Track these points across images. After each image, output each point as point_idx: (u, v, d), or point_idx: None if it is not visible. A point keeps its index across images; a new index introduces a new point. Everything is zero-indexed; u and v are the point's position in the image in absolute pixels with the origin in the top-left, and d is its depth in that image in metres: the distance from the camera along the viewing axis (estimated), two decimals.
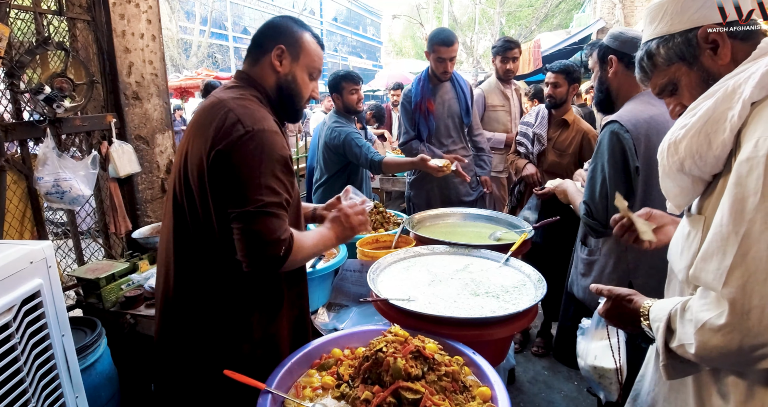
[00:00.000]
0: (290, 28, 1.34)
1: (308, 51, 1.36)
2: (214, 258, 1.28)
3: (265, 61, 1.33)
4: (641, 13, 11.63)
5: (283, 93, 1.35)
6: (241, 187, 1.14)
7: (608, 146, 1.75)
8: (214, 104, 1.25)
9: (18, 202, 2.23)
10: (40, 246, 1.51)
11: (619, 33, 1.84)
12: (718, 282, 0.84)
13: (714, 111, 0.92)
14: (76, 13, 2.48)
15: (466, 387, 1.15)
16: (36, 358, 1.48)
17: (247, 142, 1.14)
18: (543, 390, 2.78)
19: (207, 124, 1.21)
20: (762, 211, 0.79)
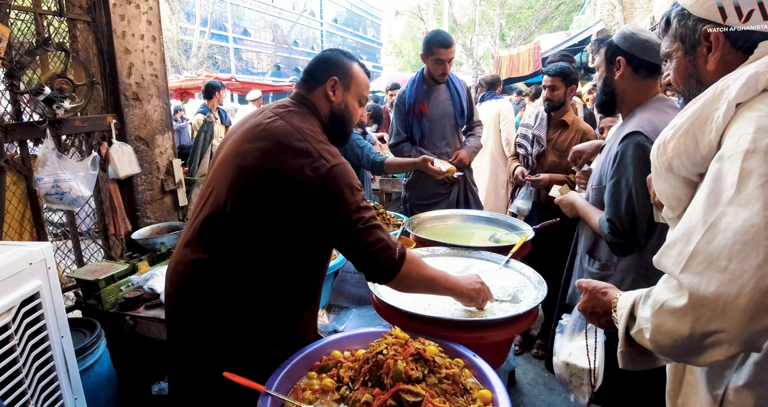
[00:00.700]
0: (341, 61, 1.45)
1: (358, 81, 1.47)
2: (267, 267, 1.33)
3: (319, 92, 1.44)
4: (641, 15, 11.65)
5: (336, 120, 1.45)
6: (341, 212, 1.25)
7: (633, 159, 1.64)
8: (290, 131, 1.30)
9: (17, 203, 2.22)
10: (39, 247, 1.51)
11: (632, 33, 1.72)
12: (677, 267, 0.83)
13: (701, 112, 0.93)
14: (77, 14, 2.47)
15: (466, 390, 1.14)
16: (35, 360, 1.48)
17: (336, 175, 1.25)
18: (543, 392, 2.77)
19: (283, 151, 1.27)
20: (734, 204, 0.79)
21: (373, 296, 1.62)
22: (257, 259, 1.31)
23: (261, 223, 1.28)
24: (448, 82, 3.06)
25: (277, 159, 1.26)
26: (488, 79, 5.08)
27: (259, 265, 1.32)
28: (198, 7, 23.08)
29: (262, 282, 1.33)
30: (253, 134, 1.34)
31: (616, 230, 1.70)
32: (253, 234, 1.29)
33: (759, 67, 0.88)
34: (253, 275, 1.32)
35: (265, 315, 1.36)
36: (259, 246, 1.30)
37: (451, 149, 3.10)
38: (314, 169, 1.23)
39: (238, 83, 10.63)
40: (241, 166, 1.30)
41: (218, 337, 1.34)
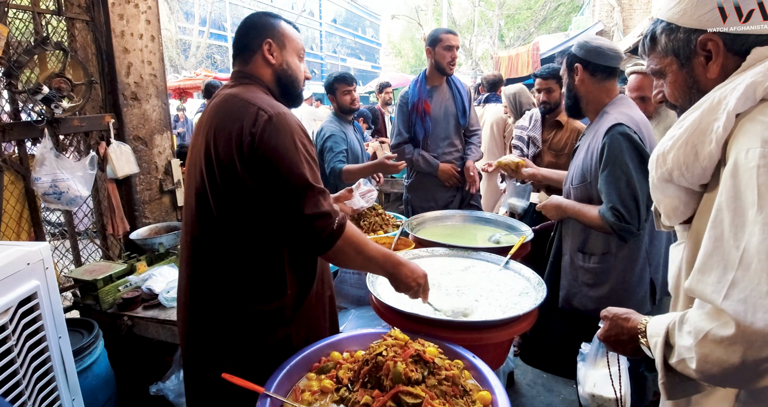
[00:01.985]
0: (269, 22, 1.41)
1: (291, 37, 1.43)
2: (248, 245, 1.30)
3: (256, 58, 1.39)
4: (639, 16, 11.67)
5: (282, 82, 1.42)
6: (281, 167, 1.19)
7: (623, 147, 1.74)
8: (228, 100, 1.30)
9: (15, 203, 2.21)
10: (37, 247, 1.50)
11: (585, 42, 1.92)
12: (718, 295, 0.82)
13: (700, 122, 0.93)
14: (75, 13, 2.46)
15: (466, 392, 1.14)
16: (32, 360, 1.47)
17: (275, 125, 1.20)
18: (542, 393, 2.77)
19: (231, 118, 1.24)
20: (759, 223, 0.79)
21: (373, 297, 1.62)
22: (232, 240, 1.30)
23: (223, 197, 1.26)
24: (449, 82, 3.10)
25: (220, 127, 1.25)
26: (490, 78, 4.96)
27: (236, 246, 1.30)
28: (197, 7, 23.03)
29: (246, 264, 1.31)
30: (207, 118, 1.33)
31: (622, 216, 1.76)
32: (221, 212, 1.28)
33: (756, 77, 0.87)
34: (237, 259, 1.30)
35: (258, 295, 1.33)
36: (229, 224, 1.28)
37: (453, 149, 3.11)
38: (254, 121, 1.20)
39: None
40: (203, 151, 1.29)
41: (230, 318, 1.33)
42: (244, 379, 1.13)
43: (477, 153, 3.15)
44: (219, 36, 28.26)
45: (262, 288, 1.32)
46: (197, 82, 9.26)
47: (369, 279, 1.68)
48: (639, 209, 1.75)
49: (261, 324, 1.33)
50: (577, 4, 21.43)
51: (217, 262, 1.32)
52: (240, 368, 1.22)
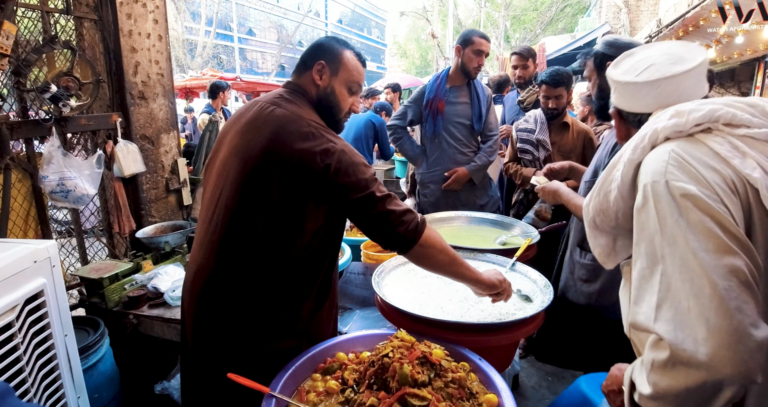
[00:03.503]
0: (332, 46, 1.44)
1: (347, 66, 1.44)
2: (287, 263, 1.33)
3: (307, 76, 1.44)
4: (647, 18, 11.62)
5: (323, 104, 1.43)
6: (360, 186, 1.27)
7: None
8: (289, 117, 1.31)
9: (22, 201, 2.22)
10: (44, 245, 1.51)
11: (614, 40, 1.85)
12: (650, 320, 0.84)
13: (608, 174, 1.08)
14: (83, 12, 2.48)
15: (472, 394, 1.13)
16: (38, 358, 1.47)
17: (347, 155, 1.28)
18: (547, 396, 2.75)
19: (293, 139, 1.26)
20: (665, 245, 0.85)
21: (378, 298, 1.61)
22: (275, 252, 1.30)
23: (275, 213, 1.27)
24: (471, 86, 3.05)
25: (285, 146, 1.25)
26: (496, 79, 4.90)
27: (277, 258, 1.31)
28: (203, 7, 23.13)
29: (281, 275, 1.32)
30: (254, 126, 1.32)
31: None
32: (269, 226, 1.28)
33: (642, 130, 1.02)
34: (272, 269, 1.31)
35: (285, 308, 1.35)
36: (276, 238, 1.29)
37: (464, 152, 3.09)
38: (325, 151, 1.24)
39: (243, 83, 10.63)
40: (246, 159, 1.29)
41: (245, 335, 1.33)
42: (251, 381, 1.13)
43: (482, 160, 3.10)
44: (225, 36, 28.36)
45: (286, 299, 1.35)
46: (203, 81, 9.28)
47: (374, 279, 1.67)
48: None
49: (274, 331, 1.34)
50: (584, 5, 21.36)
51: (243, 276, 1.32)
52: (245, 371, 1.22)
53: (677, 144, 0.94)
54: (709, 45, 6.37)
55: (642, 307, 0.87)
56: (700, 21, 5.75)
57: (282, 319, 1.34)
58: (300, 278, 1.35)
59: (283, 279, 1.32)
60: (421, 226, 1.32)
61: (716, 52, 6.49)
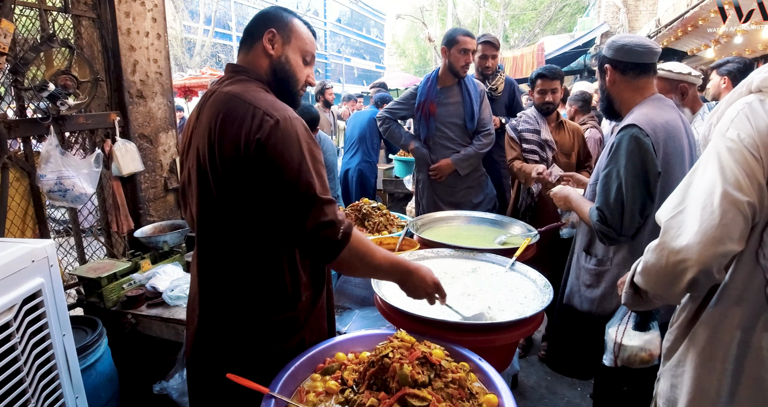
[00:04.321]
0: (279, 14, 1.35)
1: (299, 34, 1.35)
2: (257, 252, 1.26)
3: (257, 48, 1.33)
4: (645, 18, 11.62)
5: (278, 76, 1.34)
6: (288, 176, 1.14)
7: (626, 150, 1.69)
8: (229, 100, 1.22)
9: (20, 200, 2.21)
10: (42, 244, 1.50)
11: (612, 41, 1.85)
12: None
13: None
14: (82, 11, 2.47)
15: (472, 395, 1.13)
16: (36, 358, 1.46)
17: (282, 130, 1.14)
18: (546, 396, 2.75)
19: (233, 121, 1.17)
20: (703, 167, 1.09)
21: (378, 298, 1.61)
22: (251, 251, 1.26)
23: (234, 210, 1.22)
24: (462, 84, 3.03)
25: (223, 130, 1.17)
26: None
27: (255, 257, 1.26)
28: (202, 6, 23.08)
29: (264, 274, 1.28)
30: (198, 121, 1.28)
31: (604, 218, 1.74)
32: (231, 213, 1.23)
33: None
34: (254, 269, 1.28)
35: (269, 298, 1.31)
36: (245, 236, 1.24)
37: (457, 153, 3.07)
38: (258, 127, 1.13)
39: None
40: (198, 158, 1.24)
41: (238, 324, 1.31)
42: (251, 381, 1.13)
43: (468, 150, 3.04)
44: (224, 35, 28.30)
45: (278, 296, 1.29)
46: (202, 80, 9.26)
47: (374, 280, 1.67)
48: (623, 216, 1.70)
49: (278, 332, 1.31)
50: (583, 5, 21.37)
51: (227, 269, 1.29)
52: (251, 371, 1.21)
53: (756, 97, 1.10)
54: (708, 45, 6.38)
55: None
56: (699, 21, 5.75)
57: (281, 319, 1.32)
58: (277, 272, 1.28)
59: (268, 277, 1.28)
60: (343, 239, 1.17)
61: (715, 52, 6.50)
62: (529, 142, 2.98)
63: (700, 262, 1.02)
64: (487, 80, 3.43)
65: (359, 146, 4.95)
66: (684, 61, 7.29)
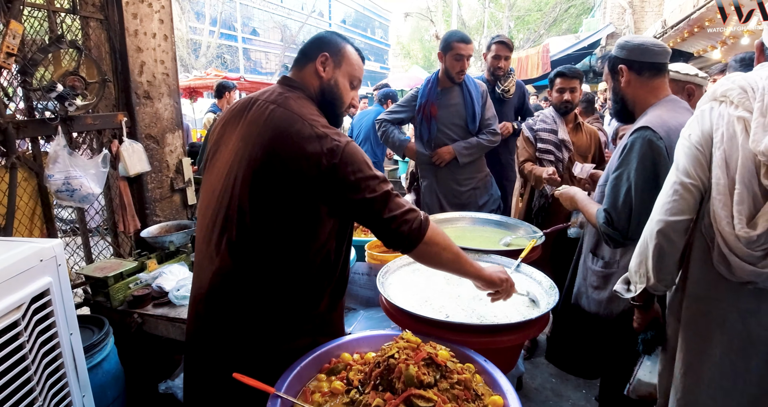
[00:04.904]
0: (334, 39, 1.44)
1: (350, 60, 1.45)
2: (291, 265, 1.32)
3: (310, 68, 1.42)
4: (651, 19, 11.58)
5: (326, 97, 1.42)
6: (364, 185, 1.26)
7: (638, 153, 1.66)
8: (286, 117, 1.28)
9: (28, 200, 2.23)
10: (50, 244, 1.51)
11: (625, 42, 1.81)
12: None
13: None
14: (90, 12, 2.48)
15: (478, 396, 1.13)
16: (44, 357, 1.47)
17: (350, 153, 1.26)
18: (551, 398, 2.74)
19: (294, 139, 1.24)
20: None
21: (383, 298, 1.61)
22: (291, 255, 1.30)
23: (288, 217, 1.27)
24: (463, 85, 3.02)
25: (289, 149, 1.24)
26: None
27: (293, 261, 1.31)
28: (208, 7, 23.20)
29: (298, 277, 1.33)
30: (255, 128, 1.30)
31: (611, 220, 1.72)
32: (278, 229, 1.28)
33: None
34: (288, 272, 1.31)
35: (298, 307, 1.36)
36: (291, 241, 1.29)
37: None
38: (330, 151, 1.23)
39: (247, 83, 10.65)
40: (251, 164, 1.27)
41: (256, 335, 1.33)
42: (257, 381, 1.13)
43: (472, 141, 3.03)
44: (229, 36, 28.43)
45: (299, 303, 1.35)
46: (208, 81, 9.29)
47: (379, 280, 1.67)
48: (630, 219, 1.68)
49: (292, 334, 1.35)
50: (588, 6, 21.33)
51: (260, 279, 1.31)
52: (258, 371, 1.21)
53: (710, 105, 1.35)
54: (715, 46, 6.35)
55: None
56: (706, 22, 5.73)
57: (300, 319, 1.35)
58: (317, 278, 1.36)
59: (300, 280, 1.33)
60: (424, 224, 1.31)
61: (722, 53, 6.47)
62: (545, 142, 2.95)
63: (660, 230, 1.36)
64: (499, 81, 3.41)
65: (364, 146, 4.98)
66: (690, 62, 7.26)
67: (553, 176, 2.69)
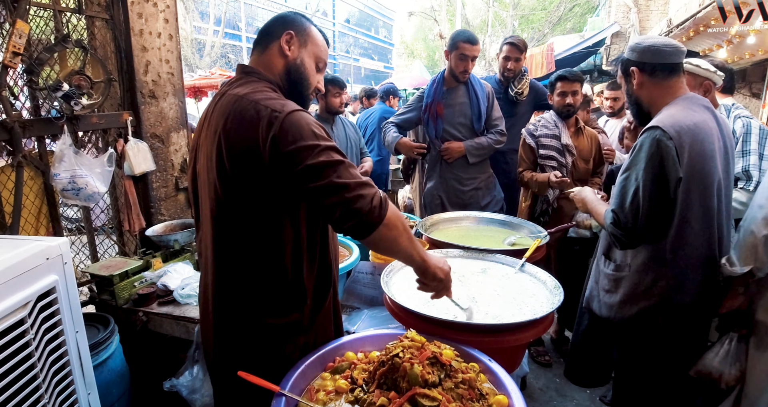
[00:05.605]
0: (298, 19, 1.39)
1: (315, 40, 1.39)
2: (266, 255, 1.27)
3: (273, 47, 1.35)
4: (656, 18, 11.51)
5: (292, 77, 1.36)
6: (305, 160, 1.13)
7: (647, 153, 1.64)
8: (237, 101, 1.22)
9: (34, 198, 2.24)
10: (56, 242, 1.51)
11: (636, 43, 1.78)
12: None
13: None
14: (95, 12, 2.49)
15: (482, 395, 1.13)
16: (50, 354, 1.48)
17: (291, 123, 1.15)
18: (554, 398, 2.74)
19: (245, 123, 1.18)
20: None
21: (387, 297, 1.61)
22: (264, 255, 1.27)
23: (252, 206, 1.22)
24: (468, 85, 3.02)
25: (236, 131, 1.18)
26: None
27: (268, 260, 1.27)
28: (212, 7, 23.23)
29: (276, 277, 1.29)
30: (209, 123, 1.28)
31: (618, 221, 1.70)
32: (250, 222, 1.24)
33: None
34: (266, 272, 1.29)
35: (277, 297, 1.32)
36: (262, 239, 1.25)
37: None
38: (269, 123, 1.14)
39: None
40: (212, 160, 1.24)
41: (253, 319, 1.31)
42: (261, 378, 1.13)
43: (482, 140, 3.03)
44: (233, 36, 28.48)
45: (282, 301, 1.31)
46: (212, 81, 9.32)
47: (383, 279, 1.67)
48: (637, 220, 1.66)
49: (280, 334, 1.32)
50: (593, 5, 21.22)
51: (235, 269, 1.30)
52: (261, 368, 1.22)
53: None
54: (720, 45, 6.30)
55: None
56: (711, 20, 5.69)
57: (285, 322, 1.32)
58: (291, 274, 1.30)
59: (274, 278, 1.29)
60: (384, 202, 1.16)
61: (727, 52, 6.42)
62: (548, 148, 2.90)
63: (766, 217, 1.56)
64: (512, 84, 3.38)
65: (371, 144, 5.01)
66: None
67: (562, 178, 2.67)
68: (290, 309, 1.32)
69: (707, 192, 1.67)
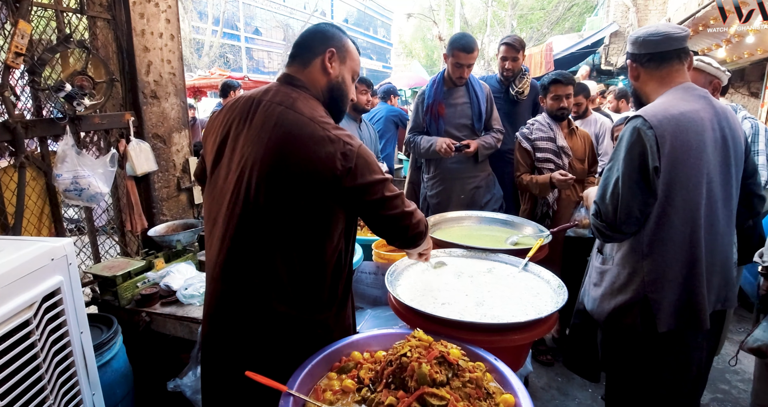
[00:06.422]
0: (337, 34, 1.42)
1: (353, 55, 1.45)
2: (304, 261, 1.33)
3: (316, 63, 1.38)
4: (655, 17, 11.53)
5: (333, 95, 1.41)
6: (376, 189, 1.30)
7: (627, 143, 1.61)
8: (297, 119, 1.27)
9: (36, 199, 2.24)
10: (61, 243, 1.51)
11: (629, 36, 1.80)
12: None
13: None
14: (97, 12, 2.49)
15: (489, 394, 1.13)
16: (55, 355, 1.48)
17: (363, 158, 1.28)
18: (557, 397, 2.74)
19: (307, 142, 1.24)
20: None
21: (392, 297, 1.61)
22: (307, 257, 1.32)
23: (303, 220, 1.28)
24: (468, 85, 3.04)
25: (303, 153, 1.23)
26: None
27: (310, 263, 1.33)
28: (210, 7, 23.20)
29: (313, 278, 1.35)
30: (265, 133, 1.27)
31: (599, 212, 1.68)
32: (295, 232, 1.29)
33: None
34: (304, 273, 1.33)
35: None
36: (307, 243, 1.31)
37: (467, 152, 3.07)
38: (344, 155, 1.24)
39: (251, 82, 10.66)
40: (264, 168, 1.26)
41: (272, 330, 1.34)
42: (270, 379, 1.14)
43: (488, 138, 3.05)
44: (232, 35, 28.45)
45: (314, 302, 1.36)
46: (212, 81, 9.31)
47: (387, 279, 1.67)
48: (617, 212, 1.62)
49: (314, 332, 1.37)
50: (591, 4, 21.24)
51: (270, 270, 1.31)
52: (272, 369, 1.22)
53: None
54: (720, 44, 6.32)
55: None
56: (710, 20, 5.71)
57: (313, 321, 1.36)
58: (329, 279, 1.37)
59: (314, 282, 1.34)
60: (427, 224, 1.46)
61: (726, 51, 6.44)
62: (544, 151, 2.90)
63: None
64: (513, 83, 3.38)
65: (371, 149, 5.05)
66: None
67: (566, 177, 2.66)
68: (325, 308, 1.39)
69: (690, 185, 1.59)
